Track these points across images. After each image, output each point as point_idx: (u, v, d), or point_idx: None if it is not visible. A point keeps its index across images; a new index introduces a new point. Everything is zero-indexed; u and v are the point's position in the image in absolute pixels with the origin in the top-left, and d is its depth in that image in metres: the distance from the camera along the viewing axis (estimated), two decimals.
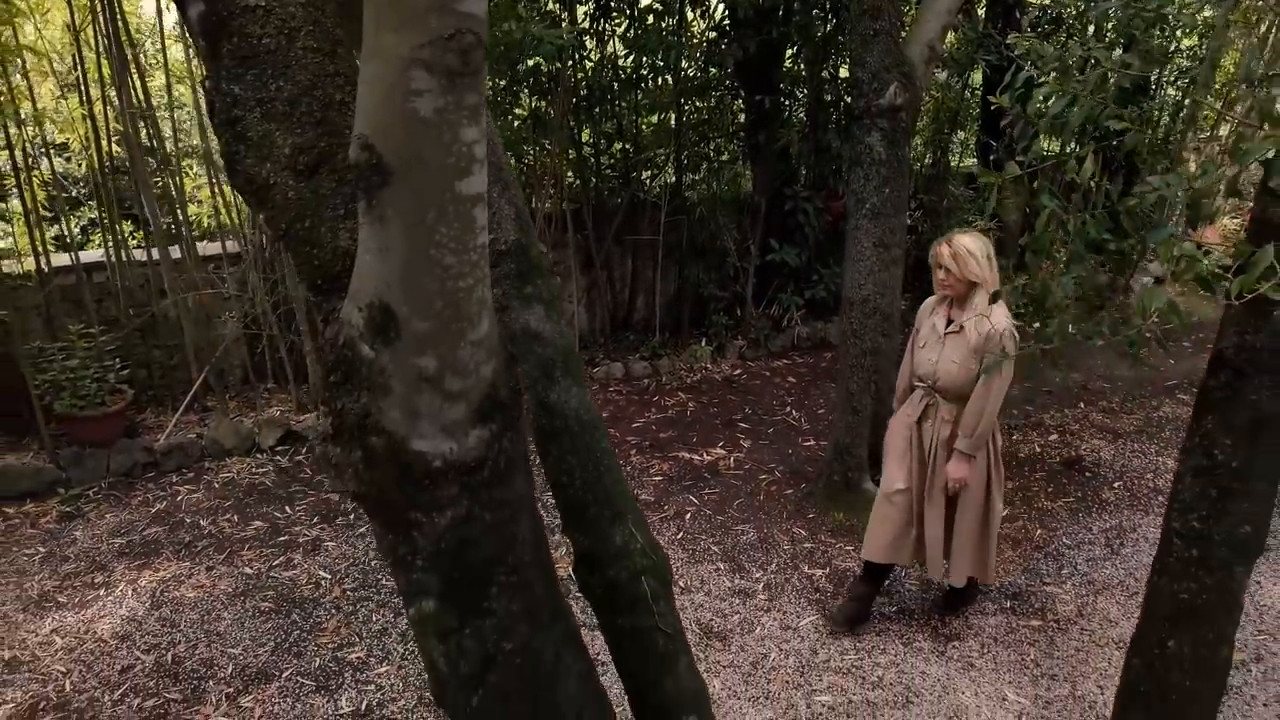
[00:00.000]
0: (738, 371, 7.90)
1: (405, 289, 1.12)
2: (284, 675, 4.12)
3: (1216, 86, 9.55)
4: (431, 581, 1.32)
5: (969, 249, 3.69)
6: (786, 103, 8.11)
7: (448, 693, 1.41)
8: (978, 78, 8.87)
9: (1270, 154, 1.65)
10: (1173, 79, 9.30)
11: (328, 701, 3.95)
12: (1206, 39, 8.64)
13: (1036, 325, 2.38)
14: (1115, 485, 5.80)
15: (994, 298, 2.73)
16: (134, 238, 6.26)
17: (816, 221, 7.77)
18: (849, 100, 7.73)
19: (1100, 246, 2.09)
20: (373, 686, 4.04)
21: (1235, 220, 11.35)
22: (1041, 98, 2.05)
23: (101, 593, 4.73)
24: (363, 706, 3.92)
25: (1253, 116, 1.75)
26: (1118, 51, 2.96)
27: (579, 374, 1.77)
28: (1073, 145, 6.76)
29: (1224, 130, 10.30)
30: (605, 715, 1.52)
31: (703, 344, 7.90)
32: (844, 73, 8.01)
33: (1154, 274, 9.82)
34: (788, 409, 7.11)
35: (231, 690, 4.02)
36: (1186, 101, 9.46)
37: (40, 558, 5.04)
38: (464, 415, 1.23)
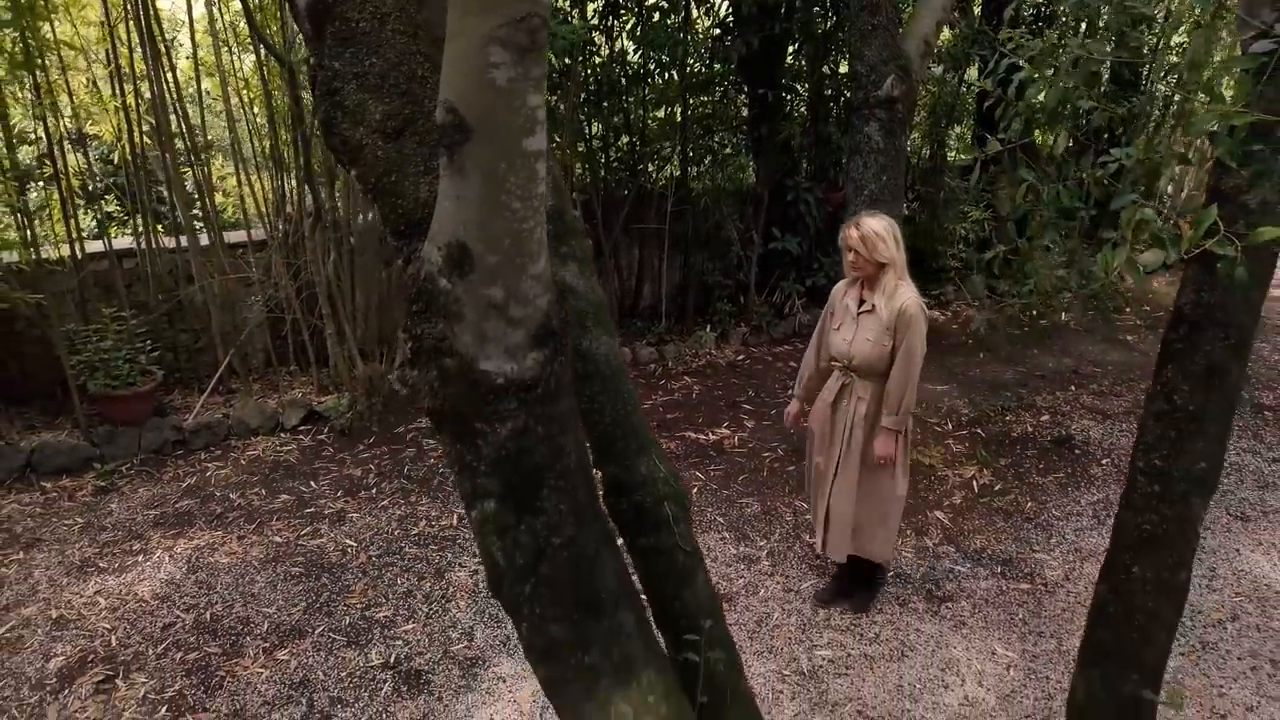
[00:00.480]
0: (741, 357, 8.12)
1: (479, 230, 1.35)
2: (316, 632, 4.35)
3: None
4: (493, 485, 1.54)
5: (877, 232, 3.77)
6: (788, 97, 8.32)
7: (504, 583, 1.63)
8: (974, 74, 9.07)
9: (1214, 127, 1.85)
10: (1162, 75, 9.50)
11: (359, 655, 4.18)
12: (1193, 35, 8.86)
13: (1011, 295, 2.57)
14: (1103, 462, 6.02)
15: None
16: (160, 226, 6.44)
17: (817, 211, 7.99)
18: (848, 94, 7.95)
19: (1071, 213, 2.31)
20: (400, 641, 4.27)
21: None
22: (1018, 82, 2.26)
23: (140, 559, 4.95)
24: (391, 659, 4.14)
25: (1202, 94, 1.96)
26: (1107, 48, 3.19)
27: (609, 326, 1.99)
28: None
29: None
30: (636, 605, 1.74)
31: (707, 330, 8.11)
32: (844, 68, 8.22)
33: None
34: (789, 392, 7.32)
35: (268, 645, 4.25)
36: (1175, 97, 9.66)
37: (79, 528, 5.26)
38: (523, 340, 1.45)
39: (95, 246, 6.44)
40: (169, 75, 5.83)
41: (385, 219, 1.56)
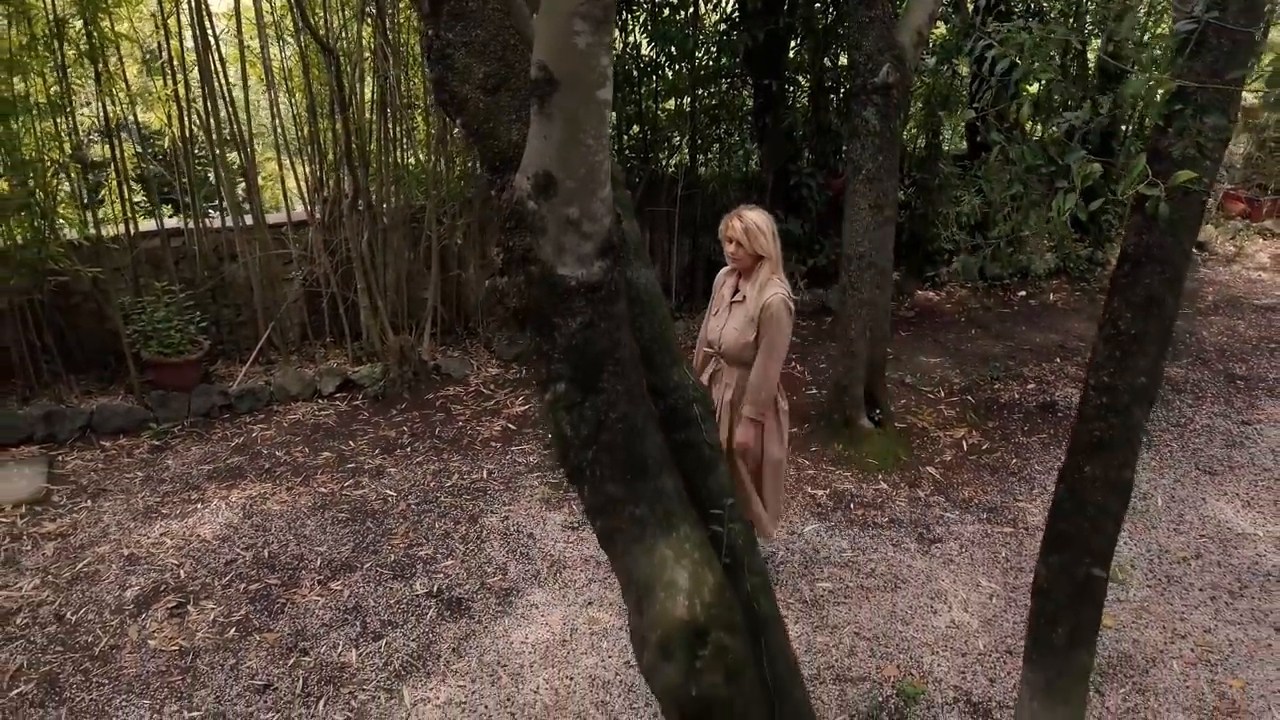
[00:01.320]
0: None
1: (561, 161, 1.73)
2: (365, 567, 4.74)
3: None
4: (564, 369, 1.92)
5: (759, 224, 3.82)
6: (790, 88, 8.68)
7: (570, 452, 2.02)
8: (965, 68, 9.43)
9: (1143, 92, 2.22)
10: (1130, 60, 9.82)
11: (404, 585, 4.57)
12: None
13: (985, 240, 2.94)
14: None
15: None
16: (205, 207, 6.82)
17: (818, 196, 8.36)
18: (848, 85, 8.31)
19: (1034, 169, 2.68)
20: (441, 575, 4.66)
21: (1210, 201, 11.90)
22: (990, 59, 2.63)
23: (198, 506, 5.35)
24: (434, 589, 4.54)
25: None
26: (1096, 41, 3.53)
27: (646, 259, 2.36)
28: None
29: None
30: (675, 474, 2.12)
31: None
32: (843, 60, 8.58)
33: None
34: (792, 364, 7.70)
35: (322, 577, 4.65)
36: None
37: (140, 480, 5.66)
38: (592, 250, 1.83)
39: (147, 225, 6.82)
40: (217, 65, 6.22)
41: (483, 157, 1.94)
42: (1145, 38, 9.06)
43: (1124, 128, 9.38)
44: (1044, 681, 2.67)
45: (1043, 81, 2.62)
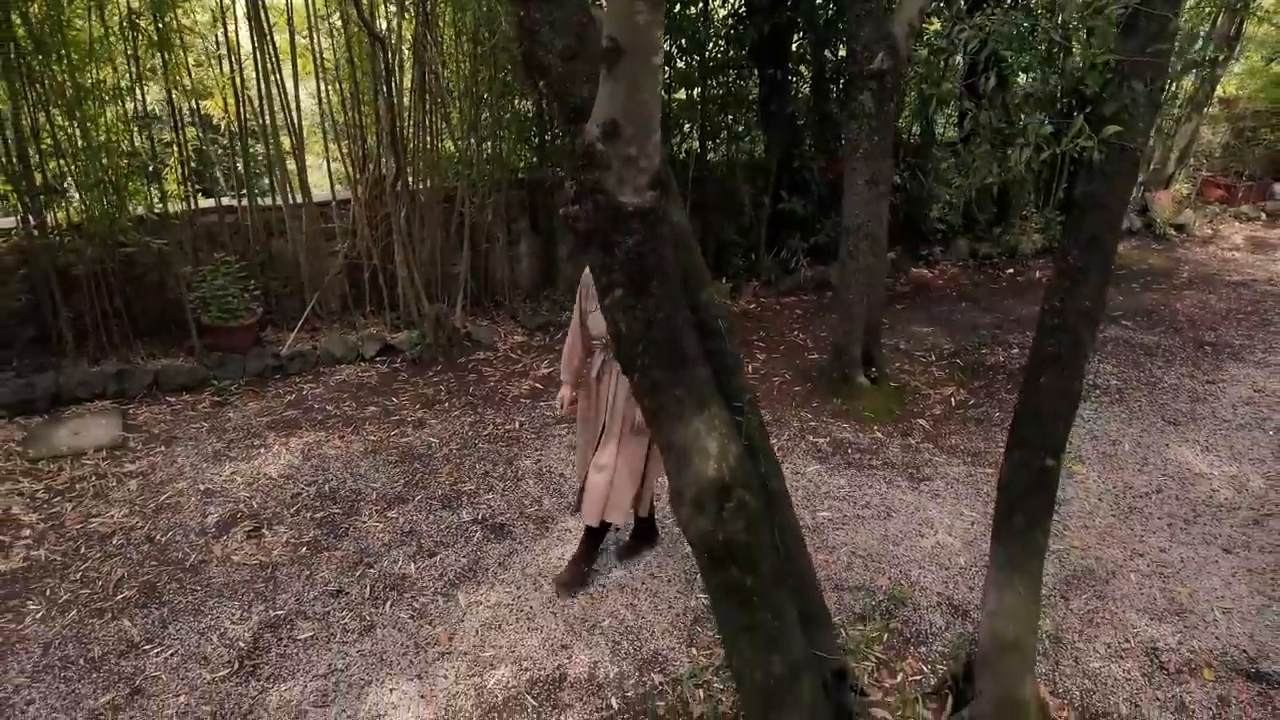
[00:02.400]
0: (753, 306, 8.98)
1: (624, 111, 2.21)
2: (416, 499, 5.24)
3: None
4: (621, 278, 2.41)
5: None
6: (793, 79, 9.16)
7: (625, 345, 2.50)
8: (958, 60, 9.89)
9: (1081, 62, 2.70)
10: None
11: (452, 514, 5.07)
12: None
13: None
14: None
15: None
16: (257, 186, 7.31)
17: (820, 179, 8.85)
18: (847, 75, 8.78)
19: (1000, 131, 3.16)
20: (485, 506, 5.16)
21: (1186, 186, 12.38)
22: (963, 41, 3.11)
23: (262, 450, 5.85)
24: (479, 517, 5.04)
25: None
26: (1082, 35, 4.01)
27: (679, 203, 2.85)
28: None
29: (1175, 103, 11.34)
30: (707, 366, 2.61)
31: (723, 283, 8.97)
32: (843, 52, 9.05)
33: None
34: (795, 333, 8.20)
35: (379, 507, 5.15)
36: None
37: (206, 429, 6.16)
38: (645, 182, 2.32)
39: (205, 203, 7.32)
40: (271, 55, 6.71)
41: (560, 111, 2.42)
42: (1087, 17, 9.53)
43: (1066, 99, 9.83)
44: (1007, 557, 3.17)
45: (1029, 71, 3.10)
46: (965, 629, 4.10)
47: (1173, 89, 11.35)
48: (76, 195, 6.51)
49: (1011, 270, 9.96)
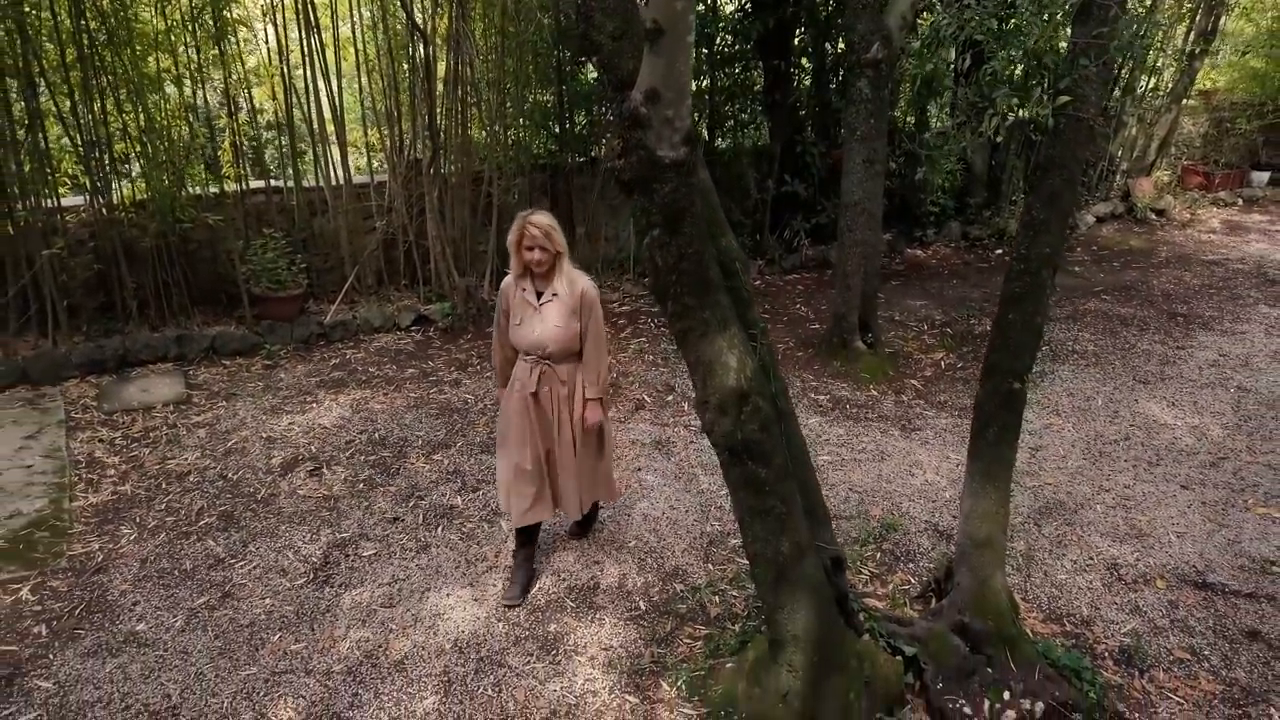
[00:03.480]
0: (757, 283, 9.45)
1: (664, 80, 2.68)
2: (457, 445, 5.73)
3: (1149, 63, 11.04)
4: (658, 219, 2.88)
5: (553, 224, 3.82)
6: (796, 70, 9.61)
7: (660, 276, 2.98)
8: (952, 54, 10.32)
9: (1041, 43, 3.16)
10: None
11: (490, 458, 5.55)
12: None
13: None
14: (1043, 348, 7.36)
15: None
16: (301, 169, 7.77)
17: (820, 163, 9.31)
18: (845, 67, 9.23)
19: (975, 104, 3.63)
20: None
21: (1167, 173, 12.82)
22: (934, 28, 3.57)
23: (314, 405, 6.34)
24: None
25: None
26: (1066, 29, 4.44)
27: (704, 165, 3.32)
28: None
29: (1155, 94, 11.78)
30: (726, 294, 3.09)
31: None
32: (842, 46, 9.49)
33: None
34: (798, 306, 8.68)
35: (425, 451, 5.63)
36: (1124, 73, 10.92)
37: (262, 387, 6.65)
38: (679, 139, 2.78)
39: (255, 184, 7.80)
40: (317, 48, 7.19)
41: (610, 81, 2.89)
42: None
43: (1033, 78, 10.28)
44: (980, 468, 3.64)
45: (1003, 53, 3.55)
46: (948, 549, 4.57)
47: (1153, 82, 11.81)
48: (140, 175, 7.00)
49: (1000, 251, 10.42)
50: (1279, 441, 5.73)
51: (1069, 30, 3.29)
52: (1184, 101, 12.00)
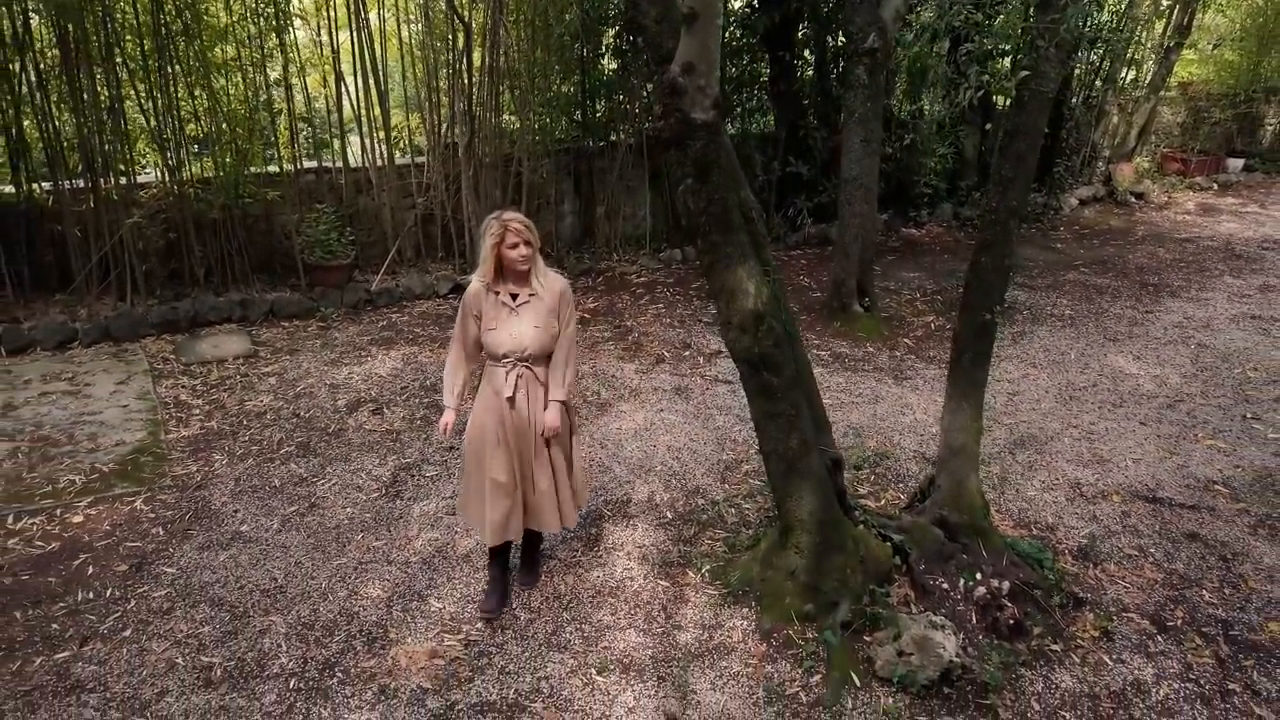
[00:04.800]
0: None
1: (698, 55, 3.25)
2: None
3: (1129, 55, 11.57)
4: (690, 170, 3.45)
5: (530, 221, 3.65)
6: (799, 61, 10.15)
7: (691, 220, 3.55)
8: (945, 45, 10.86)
9: (1005, 30, 3.72)
10: (1091, 45, 11.21)
11: None
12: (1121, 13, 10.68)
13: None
14: (1024, 313, 7.93)
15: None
16: (348, 150, 8.35)
17: (822, 146, 9.86)
18: (845, 56, 9.77)
19: (954, 80, 4.19)
20: None
21: (1147, 160, 13.36)
22: (921, 22, 4.12)
23: (368, 359, 6.92)
24: None
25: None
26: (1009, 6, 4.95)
27: (725, 133, 3.89)
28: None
29: (1135, 85, 12.31)
30: (746, 233, 3.66)
31: None
32: (842, 39, 10.03)
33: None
34: (801, 278, 9.23)
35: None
36: (1104, 65, 11.45)
37: (319, 345, 7.23)
38: (709, 104, 3.35)
39: (307, 164, 8.38)
40: (366, 39, 7.76)
41: (652, 57, 3.46)
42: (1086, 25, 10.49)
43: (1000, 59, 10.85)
44: (957, 389, 4.22)
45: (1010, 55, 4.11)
46: (933, 470, 5.15)
47: (1133, 74, 12.34)
48: (207, 155, 7.58)
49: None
50: (1230, 388, 6.30)
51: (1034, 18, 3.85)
52: (1162, 92, 12.51)
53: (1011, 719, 3.33)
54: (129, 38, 7.00)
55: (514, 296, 3.68)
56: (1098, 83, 11.62)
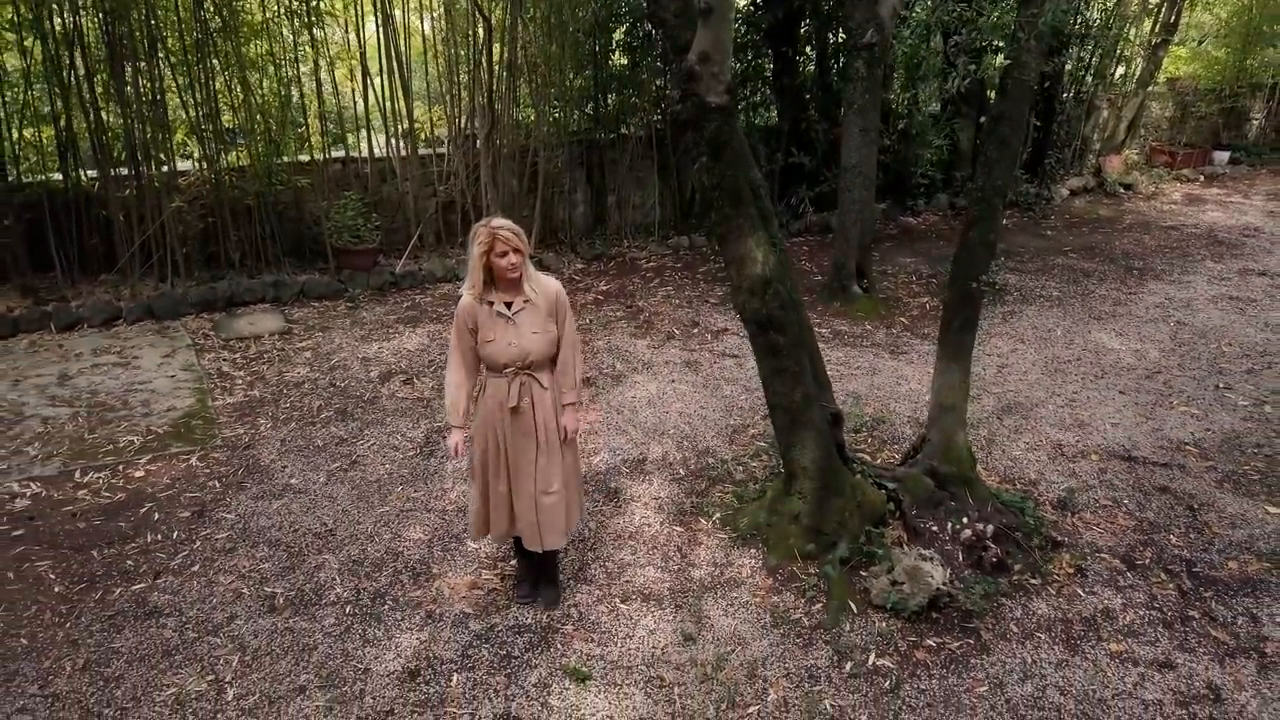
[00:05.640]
0: None
1: (713, 44, 3.58)
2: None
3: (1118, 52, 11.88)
4: (705, 149, 3.78)
5: (518, 227, 3.50)
6: (801, 57, 10.47)
7: (706, 195, 3.89)
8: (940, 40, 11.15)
9: (990, 24, 4.05)
10: (1081, 41, 11.50)
11: None
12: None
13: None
14: (1014, 294, 8.26)
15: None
16: (371, 140, 8.67)
17: (823, 138, 10.18)
18: (845, 52, 10.08)
19: (944, 69, 4.52)
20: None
21: (1136, 153, 13.67)
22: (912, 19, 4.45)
23: (396, 335, 7.26)
24: None
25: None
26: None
27: (737, 118, 4.22)
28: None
29: (1126, 80, 12.61)
30: (755, 206, 4.00)
31: None
32: (842, 36, 10.33)
33: None
34: (803, 263, 9.56)
35: None
36: (1095, 61, 11.76)
37: (349, 323, 7.58)
38: (722, 89, 3.68)
39: (335, 153, 8.72)
40: (391, 34, 8.10)
41: (670, 47, 3.80)
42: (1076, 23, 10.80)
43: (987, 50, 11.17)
44: (947, 352, 4.55)
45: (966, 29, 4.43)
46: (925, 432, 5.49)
47: (1122, 70, 12.65)
48: (243, 144, 7.93)
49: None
50: (1205, 361, 6.63)
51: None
52: (1150, 87, 12.82)
53: (993, 640, 3.68)
54: (170, 35, 7.33)
55: (508, 305, 3.52)
56: (1089, 78, 11.92)
